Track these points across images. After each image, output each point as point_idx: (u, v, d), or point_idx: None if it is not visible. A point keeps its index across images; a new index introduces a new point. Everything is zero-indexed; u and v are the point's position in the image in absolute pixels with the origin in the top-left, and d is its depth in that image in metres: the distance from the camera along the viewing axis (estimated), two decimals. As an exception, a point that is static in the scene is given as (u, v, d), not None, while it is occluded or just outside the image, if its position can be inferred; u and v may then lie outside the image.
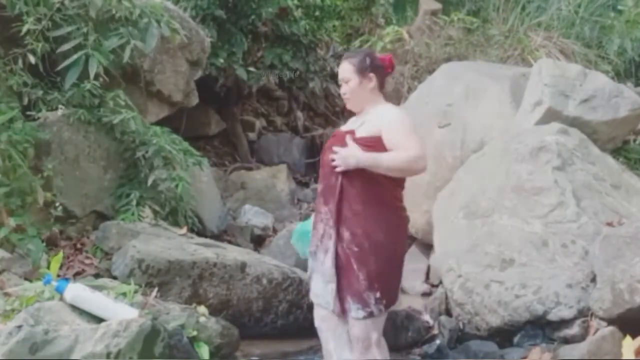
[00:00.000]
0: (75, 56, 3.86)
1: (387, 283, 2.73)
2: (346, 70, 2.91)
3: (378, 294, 2.69)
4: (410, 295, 4.87)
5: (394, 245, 2.80)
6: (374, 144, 2.75)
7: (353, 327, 2.77)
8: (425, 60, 6.70)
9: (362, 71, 2.88)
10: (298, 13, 7.22)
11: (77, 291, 2.72)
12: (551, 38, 6.44)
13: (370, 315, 2.72)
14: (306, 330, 3.06)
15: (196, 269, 3.60)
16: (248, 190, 6.55)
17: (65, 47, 3.89)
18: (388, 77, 3.01)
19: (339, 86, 3.06)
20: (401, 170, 2.76)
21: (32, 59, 3.83)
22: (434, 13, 7.36)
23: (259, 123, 8.04)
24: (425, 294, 4.77)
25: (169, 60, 4.90)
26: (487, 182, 4.18)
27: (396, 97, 6.42)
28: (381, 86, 2.94)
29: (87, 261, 3.76)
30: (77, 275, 3.58)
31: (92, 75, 3.88)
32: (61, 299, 2.72)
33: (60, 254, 3.20)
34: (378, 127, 2.78)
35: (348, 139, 2.79)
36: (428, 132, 5.12)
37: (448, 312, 3.93)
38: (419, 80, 6.34)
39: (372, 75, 2.88)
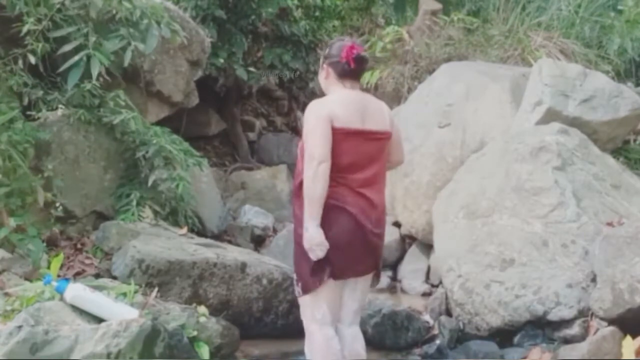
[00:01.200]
0: (76, 57, 3.86)
1: (299, 269, 2.88)
2: None
3: (295, 276, 2.90)
4: (410, 295, 4.88)
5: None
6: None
7: None
8: (425, 60, 6.69)
9: (321, 62, 3.00)
10: (298, 13, 7.22)
11: (77, 291, 2.72)
12: (551, 38, 6.44)
13: (297, 295, 2.91)
14: (306, 330, 3.08)
15: (196, 269, 3.59)
16: (248, 191, 6.56)
17: (66, 47, 3.89)
18: (344, 67, 2.87)
19: None
20: (313, 187, 2.72)
21: (32, 59, 3.82)
22: (434, 13, 7.36)
23: (259, 123, 8.04)
24: (426, 294, 4.77)
25: (169, 61, 4.90)
26: (487, 182, 4.18)
27: (396, 97, 6.42)
28: (339, 77, 2.91)
29: (87, 261, 3.76)
30: (77, 275, 3.58)
31: (94, 76, 3.87)
32: (61, 299, 2.73)
33: (61, 254, 3.21)
34: None
35: None
36: (428, 132, 5.12)
37: (448, 312, 3.93)
38: (419, 80, 6.33)
39: (325, 66, 2.95)
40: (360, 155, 2.83)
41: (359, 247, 2.85)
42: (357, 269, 2.90)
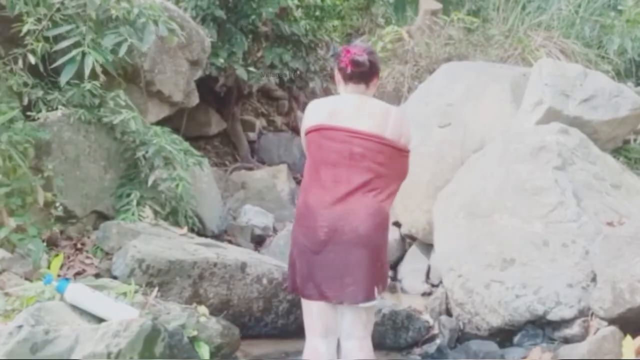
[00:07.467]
0: (72, 53, 3.85)
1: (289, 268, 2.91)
2: None
3: None
4: (411, 295, 4.88)
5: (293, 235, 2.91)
6: None
7: None
8: (425, 60, 6.71)
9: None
10: (298, 13, 7.22)
11: (78, 291, 2.72)
12: (551, 38, 6.46)
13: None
14: (306, 330, 3.07)
15: (196, 268, 3.59)
16: (248, 190, 6.55)
17: (63, 44, 3.88)
18: (345, 71, 2.85)
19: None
20: None
21: (32, 59, 3.82)
22: (434, 13, 7.38)
23: (259, 123, 8.05)
24: (426, 294, 4.78)
25: (169, 60, 4.90)
26: (487, 182, 4.18)
27: (396, 97, 6.44)
28: (344, 81, 2.90)
29: (88, 261, 3.75)
30: (78, 275, 3.58)
31: (86, 73, 3.84)
32: (62, 299, 2.72)
33: (61, 254, 3.20)
34: None
35: None
36: (428, 132, 5.12)
37: (448, 312, 3.93)
38: (419, 80, 6.35)
39: (336, 72, 2.96)
40: (336, 153, 2.73)
41: (314, 264, 2.71)
42: (324, 292, 2.70)
